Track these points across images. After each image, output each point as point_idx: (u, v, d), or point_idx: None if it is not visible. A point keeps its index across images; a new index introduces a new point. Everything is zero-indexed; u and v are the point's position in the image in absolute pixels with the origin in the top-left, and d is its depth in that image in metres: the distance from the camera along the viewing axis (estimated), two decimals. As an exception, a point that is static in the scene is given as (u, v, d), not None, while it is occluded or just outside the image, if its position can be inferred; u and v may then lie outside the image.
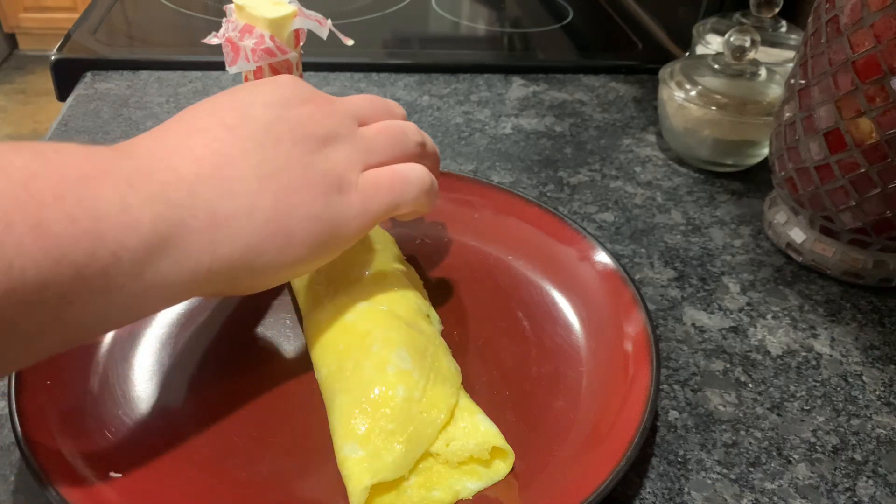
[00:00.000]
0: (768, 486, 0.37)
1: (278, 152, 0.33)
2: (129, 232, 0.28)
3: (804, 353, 0.45)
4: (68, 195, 0.26)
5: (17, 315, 0.25)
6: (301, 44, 0.61)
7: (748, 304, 0.48)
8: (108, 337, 0.40)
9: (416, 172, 0.37)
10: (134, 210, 0.28)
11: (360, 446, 0.34)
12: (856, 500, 0.36)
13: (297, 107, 0.35)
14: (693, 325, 0.46)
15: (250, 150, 0.33)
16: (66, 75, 0.71)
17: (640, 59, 0.81)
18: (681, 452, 0.38)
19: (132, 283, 0.28)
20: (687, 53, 0.73)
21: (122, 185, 0.28)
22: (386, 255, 0.43)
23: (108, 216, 0.27)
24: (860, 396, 0.42)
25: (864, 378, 0.43)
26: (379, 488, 0.33)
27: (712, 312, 0.47)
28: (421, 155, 0.39)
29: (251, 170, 0.32)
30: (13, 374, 0.35)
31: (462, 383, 0.38)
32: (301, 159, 0.34)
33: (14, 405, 0.34)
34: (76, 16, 0.88)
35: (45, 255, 0.25)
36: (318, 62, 0.73)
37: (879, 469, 0.38)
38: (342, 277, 0.41)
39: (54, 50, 0.72)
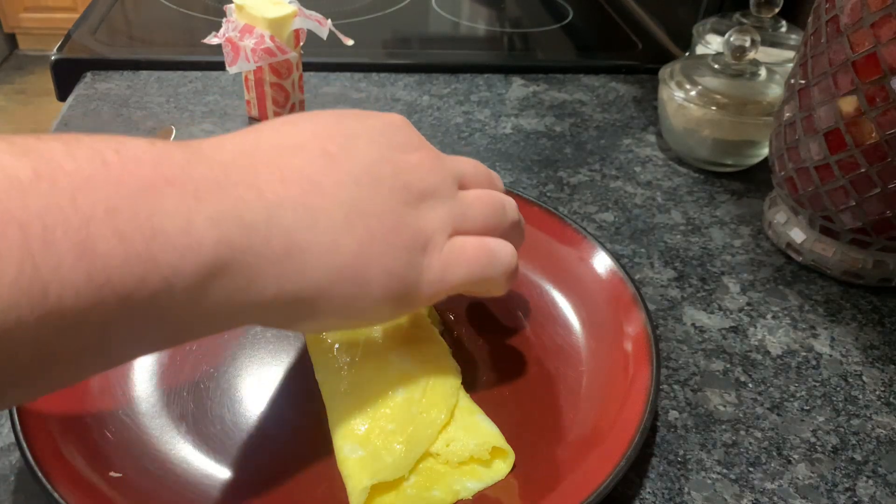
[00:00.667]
0: (768, 486, 0.37)
1: (374, 195, 0.30)
2: (187, 255, 0.24)
3: (804, 353, 0.45)
4: (122, 208, 0.23)
5: (53, 341, 0.22)
6: (301, 44, 0.61)
7: (748, 304, 0.48)
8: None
9: (505, 251, 0.34)
10: (196, 229, 0.25)
11: (360, 446, 0.34)
12: (856, 500, 0.36)
13: (405, 152, 0.32)
14: (693, 325, 0.46)
15: (345, 184, 0.30)
16: (66, 75, 0.71)
17: (640, 59, 0.81)
18: (681, 452, 0.38)
19: (181, 311, 0.25)
20: (687, 53, 0.73)
21: (188, 198, 0.25)
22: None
23: (165, 235, 0.24)
24: (860, 396, 0.42)
25: (864, 378, 0.43)
26: (379, 488, 0.33)
27: (712, 312, 0.47)
28: (513, 234, 0.36)
29: (341, 206, 0.29)
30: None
31: (462, 383, 0.38)
32: (395, 209, 0.31)
33: (14, 405, 0.34)
34: (76, 16, 0.88)
35: (86, 280, 0.22)
36: (318, 62, 0.73)
37: (879, 469, 0.38)
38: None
39: (54, 50, 0.72)
